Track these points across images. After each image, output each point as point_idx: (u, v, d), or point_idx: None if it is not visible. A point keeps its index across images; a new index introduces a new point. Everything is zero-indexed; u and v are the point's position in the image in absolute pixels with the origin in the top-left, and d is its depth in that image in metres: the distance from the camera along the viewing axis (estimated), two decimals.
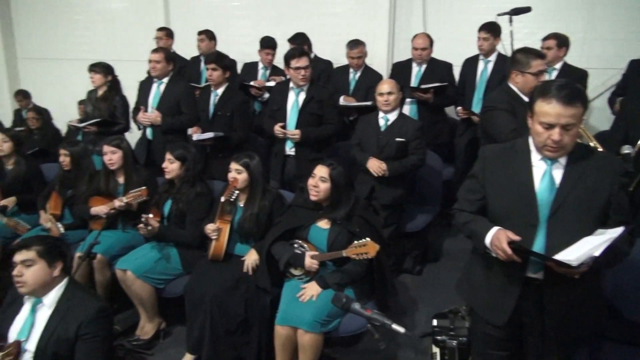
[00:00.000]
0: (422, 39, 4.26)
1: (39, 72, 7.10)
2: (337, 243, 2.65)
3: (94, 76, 4.17)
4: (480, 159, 2.01)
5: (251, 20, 5.75)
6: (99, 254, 3.09)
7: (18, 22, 7.05)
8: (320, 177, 2.69)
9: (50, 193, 3.63)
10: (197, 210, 3.13)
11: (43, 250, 2.10)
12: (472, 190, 2.01)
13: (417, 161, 3.46)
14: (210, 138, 3.74)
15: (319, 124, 3.66)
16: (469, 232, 1.95)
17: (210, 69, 3.82)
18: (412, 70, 4.39)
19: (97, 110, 4.20)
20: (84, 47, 6.66)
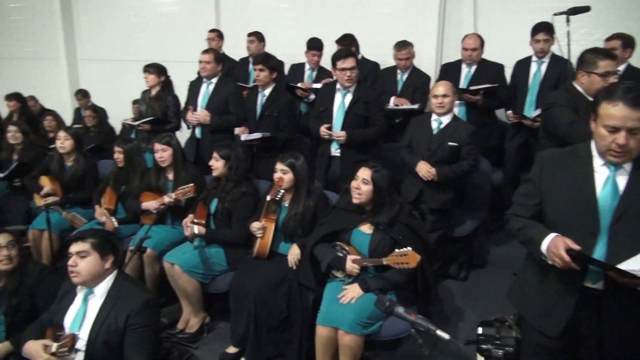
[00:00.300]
0: (472, 39, 4.17)
1: (96, 72, 7.45)
2: (379, 249, 2.62)
3: (148, 76, 4.32)
4: (538, 163, 1.95)
5: (299, 21, 5.80)
6: (149, 248, 3.21)
7: (79, 25, 7.42)
8: (362, 179, 2.67)
9: (105, 188, 3.79)
10: (243, 210, 3.19)
11: (97, 243, 2.19)
12: (528, 195, 1.94)
13: (468, 167, 3.38)
14: (258, 138, 3.80)
15: (365, 125, 3.64)
16: (524, 238, 1.89)
17: (258, 69, 3.88)
18: (462, 71, 4.30)
19: (150, 109, 4.35)
20: (139, 48, 6.92)
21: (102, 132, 5.57)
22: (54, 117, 5.35)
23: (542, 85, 4.04)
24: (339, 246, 2.73)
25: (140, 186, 3.60)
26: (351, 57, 3.55)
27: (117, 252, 2.27)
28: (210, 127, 4.07)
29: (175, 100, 4.42)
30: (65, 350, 2.08)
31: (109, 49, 7.28)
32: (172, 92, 4.44)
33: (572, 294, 1.84)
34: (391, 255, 2.47)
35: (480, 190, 3.86)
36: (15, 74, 8.10)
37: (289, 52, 5.19)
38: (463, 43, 4.22)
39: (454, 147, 3.35)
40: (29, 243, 3.72)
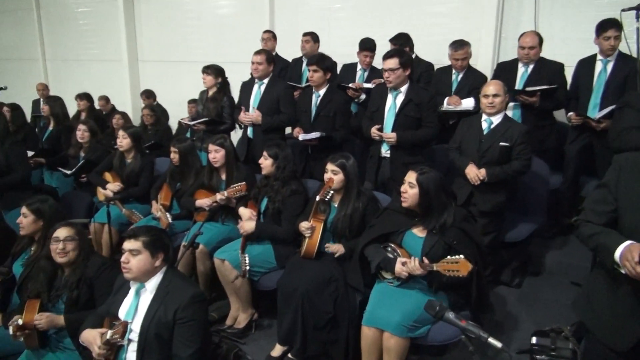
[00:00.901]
0: (530, 37, 4.01)
1: (155, 73, 7.79)
2: (432, 253, 2.56)
3: (206, 77, 4.46)
4: (615, 167, 1.83)
5: (352, 21, 5.81)
6: (202, 244, 3.32)
7: (140, 28, 7.78)
8: (408, 183, 2.64)
9: (162, 185, 3.96)
10: (292, 207, 3.24)
11: (148, 241, 2.26)
12: (602, 201, 1.84)
13: (520, 167, 3.28)
14: (316, 138, 3.84)
15: (416, 127, 3.60)
16: (595, 244, 1.79)
17: (312, 70, 3.91)
18: (518, 71, 4.14)
19: (206, 109, 4.49)
20: (195, 50, 7.18)
21: (159, 130, 5.80)
22: (122, 116, 5.64)
23: (607, 86, 3.83)
24: (390, 247, 2.71)
25: (194, 184, 3.72)
26: (393, 58, 3.50)
27: (168, 250, 2.34)
28: (262, 127, 4.15)
29: (231, 101, 4.52)
30: (118, 337, 2.19)
31: (167, 51, 7.59)
32: (228, 93, 4.56)
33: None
34: (442, 261, 2.42)
35: (536, 195, 3.73)
36: (81, 75, 8.63)
37: (342, 52, 5.21)
38: (520, 41, 4.07)
39: (505, 148, 3.27)
40: (90, 236, 3.93)
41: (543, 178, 3.72)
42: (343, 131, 3.96)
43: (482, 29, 4.99)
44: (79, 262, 2.63)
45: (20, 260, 2.94)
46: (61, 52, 8.89)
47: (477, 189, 3.33)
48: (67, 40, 8.69)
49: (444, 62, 4.58)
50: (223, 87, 4.51)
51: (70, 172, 4.40)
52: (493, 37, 4.97)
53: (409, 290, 2.64)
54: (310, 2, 6.09)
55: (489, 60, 4.97)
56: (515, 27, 4.89)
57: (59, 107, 5.11)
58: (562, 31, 4.63)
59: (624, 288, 1.77)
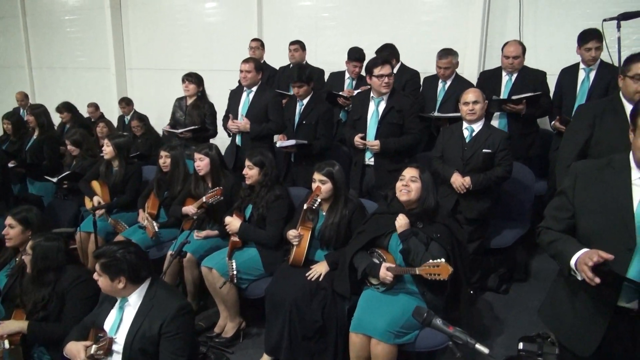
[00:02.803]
0: (514, 46, 4.07)
1: (143, 81, 7.77)
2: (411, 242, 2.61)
3: (189, 85, 4.49)
4: (572, 175, 1.89)
5: (339, 30, 5.85)
6: (189, 252, 3.31)
7: (128, 36, 7.76)
8: (410, 177, 2.69)
9: (150, 193, 3.95)
10: (276, 212, 3.25)
11: (104, 266, 2.18)
12: (561, 208, 1.89)
13: (503, 173, 3.33)
14: (293, 145, 3.87)
15: (399, 134, 3.63)
16: (554, 251, 1.84)
17: (297, 87, 3.97)
18: (502, 79, 4.20)
19: (189, 117, 4.52)
20: (184, 58, 7.16)
21: (148, 139, 5.77)
22: (106, 124, 5.61)
23: (590, 93, 3.89)
24: (376, 253, 2.74)
25: (182, 192, 3.72)
26: (388, 64, 3.56)
27: (133, 271, 2.19)
28: (250, 134, 4.16)
29: (212, 108, 4.61)
30: (102, 353, 2.16)
31: (156, 59, 7.57)
32: (208, 100, 4.63)
33: (604, 314, 1.77)
34: (424, 265, 2.46)
35: (521, 201, 3.78)
36: (67, 83, 8.58)
37: (329, 60, 5.25)
38: (504, 51, 4.13)
39: (488, 154, 3.32)
40: (75, 245, 3.89)
41: (528, 185, 3.77)
42: (323, 140, 3.99)
43: (467, 38, 5.06)
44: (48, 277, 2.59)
45: (5, 271, 2.91)
46: (48, 59, 8.84)
47: (463, 197, 3.37)
48: (54, 47, 8.64)
49: (430, 70, 4.63)
50: (204, 94, 4.59)
51: (55, 179, 4.37)
52: (479, 46, 5.03)
53: (395, 297, 2.66)
54: (298, 11, 6.13)
55: (475, 68, 5.03)
56: (501, 36, 4.95)
57: (43, 115, 5.08)
58: (546, 40, 4.71)
59: (583, 295, 1.81)
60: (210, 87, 5.31)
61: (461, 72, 4.65)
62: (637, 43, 4.01)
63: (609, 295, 1.73)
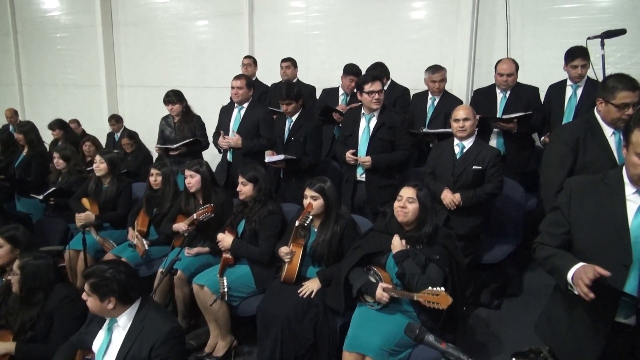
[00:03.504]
0: (507, 64, 4.10)
1: (134, 98, 7.76)
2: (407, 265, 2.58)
3: (173, 107, 4.53)
4: (566, 190, 1.90)
5: (330, 47, 5.90)
6: (180, 270, 3.27)
7: (119, 53, 7.76)
8: (407, 198, 2.67)
9: (139, 211, 3.91)
10: (269, 227, 3.24)
11: (94, 286, 2.13)
12: (556, 224, 1.90)
13: (493, 189, 3.34)
14: (281, 160, 3.86)
15: (390, 150, 3.65)
16: (550, 267, 1.84)
17: (285, 104, 3.99)
18: (497, 97, 4.22)
19: (180, 132, 4.54)
20: (175, 75, 7.17)
21: (138, 156, 5.74)
22: (92, 142, 5.55)
23: (577, 110, 3.93)
24: (372, 271, 2.72)
25: (173, 209, 3.69)
26: (378, 80, 3.59)
27: (123, 292, 2.15)
28: (241, 150, 4.16)
29: (200, 120, 4.63)
30: None
31: (147, 76, 7.57)
32: (194, 113, 4.66)
33: (602, 330, 1.77)
34: (423, 292, 2.42)
35: (512, 217, 3.78)
36: (58, 100, 8.53)
37: (321, 77, 5.29)
38: (498, 68, 4.15)
39: (478, 171, 3.33)
40: (64, 263, 3.83)
41: (519, 201, 3.78)
42: (311, 156, 3.99)
43: (456, 55, 5.12)
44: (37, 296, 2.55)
45: None
46: (38, 76, 8.80)
47: (453, 213, 3.37)
48: (45, 65, 8.62)
49: (419, 87, 4.67)
50: (188, 108, 4.61)
51: (41, 197, 4.32)
52: (467, 63, 5.09)
53: (390, 315, 2.63)
54: (290, 29, 6.18)
55: (464, 85, 5.09)
56: (489, 53, 5.03)
57: (32, 132, 5.05)
58: (533, 57, 4.77)
59: (580, 310, 1.81)
60: (201, 104, 5.32)
61: (450, 89, 4.69)
62: (621, 60, 4.09)
63: (607, 310, 1.72)
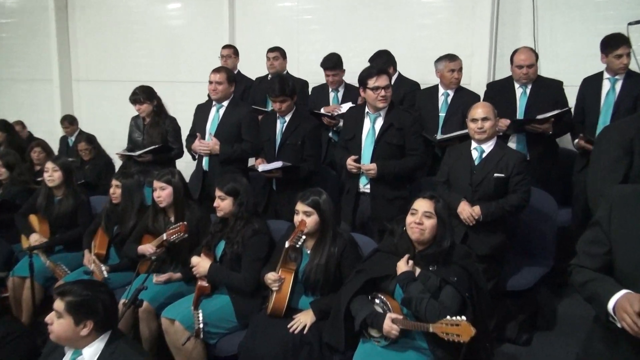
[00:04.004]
0: (526, 53, 4.13)
1: (94, 95, 7.74)
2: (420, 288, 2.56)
3: (140, 107, 4.52)
4: (607, 202, 1.89)
5: (325, 35, 5.94)
6: (145, 301, 3.21)
7: (75, 41, 7.76)
8: (424, 213, 2.63)
9: (97, 229, 3.88)
10: (254, 250, 3.21)
11: (72, 304, 2.11)
12: (595, 242, 1.89)
13: (519, 201, 3.33)
14: (279, 168, 3.84)
15: (400, 155, 3.65)
16: (588, 293, 1.82)
17: (279, 102, 3.93)
18: (515, 92, 4.25)
19: (148, 137, 4.53)
20: (142, 67, 7.19)
21: (98, 164, 5.70)
22: (43, 147, 5.50)
23: (617, 107, 3.98)
24: (379, 299, 2.69)
25: (138, 228, 3.67)
26: (385, 74, 3.60)
27: (103, 317, 2.15)
28: (220, 157, 4.14)
29: (174, 123, 4.61)
30: None
31: (108, 69, 7.57)
32: (167, 114, 4.64)
33: None
34: (441, 322, 2.38)
35: (542, 234, 3.78)
36: (2, 97, 8.47)
37: (314, 70, 5.27)
38: (515, 59, 4.19)
39: (501, 179, 3.33)
40: (7, 293, 3.79)
41: (550, 214, 3.78)
42: (311, 162, 3.99)
43: (474, 44, 5.15)
44: None
45: None
46: None
47: (472, 229, 3.37)
48: None
49: (430, 81, 4.69)
50: (160, 108, 4.58)
51: None
52: (487, 54, 5.13)
53: (400, 352, 2.60)
54: (277, 13, 6.21)
55: (484, 79, 5.11)
56: (513, 41, 5.04)
57: None
58: (563, 47, 4.81)
59: (623, 346, 1.79)
60: (173, 101, 5.31)
61: (467, 84, 4.72)
62: None
63: None
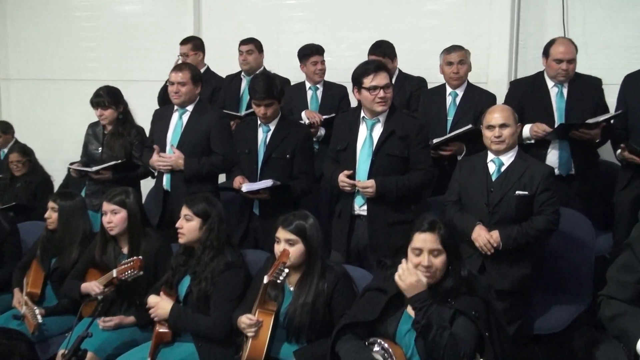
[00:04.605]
0: (566, 46, 4.14)
1: (27, 96, 7.71)
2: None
3: (103, 113, 4.50)
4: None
5: (310, 24, 5.99)
6: (90, 351, 3.18)
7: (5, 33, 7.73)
8: (430, 252, 2.60)
9: (30, 263, 3.85)
10: (226, 288, 3.19)
11: None
12: (627, 268, 1.95)
13: (546, 224, 3.34)
14: (268, 188, 3.82)
15: (403, 169, 3.65)
16: (616, 331, 1.89)
17: (264, 105, 3.90)
18: (550, 92, 4.26)
19: (108, 149, 4.52)
20: (88, 64, 7.21)
21: (32, 182, 5.67)
22: None
23: None
24: (378, 345, 2.66)
25: (81, 261, 3.65)
26: (384, 71, 3.61)
27: None
28: (184, 174, 4.14)
29: (142, 134, 4.61)
30: None
31: (46, 65, 7.54)
32: (134, 123, 4.64)
33: None
34: None
35: (577, 265, 3.79)
36: None
37: (297, 66, 5.29)
38: (552, 52, 4.17)
39: (524, 198, 3.35)
40: None
41: (586, 241, 3.80)
42: (304, 180, 3.98)
43: (492, 33, 5.22)
44: None
45: None
46: None
47: (490, 259, 3.38)
48: None
49: (437, 79, 4.73)
50: (126, 115, 4.58)
51: None
52: (508, 45, 5.18)
53: None
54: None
55: (504, 75, 5.18)
56: (538, 30, 5.12)
57: None
58: (599, 37, 4.87)
59: None
60: None
61: (484, 82, 4.76)
62: None
63: None
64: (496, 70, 5.18)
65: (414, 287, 2.52)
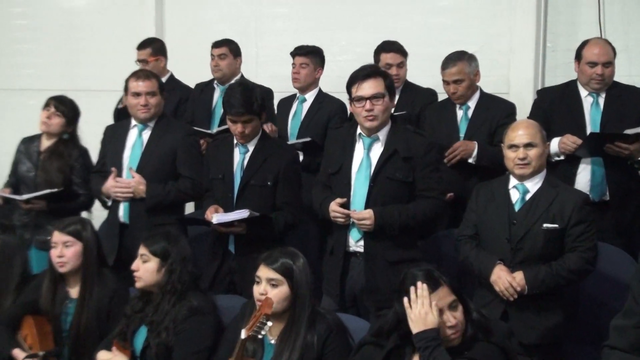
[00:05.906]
0: (602, 47, 4.20)
1: None
2: None
3: (54, 119, 4.54)
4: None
5: (295, 23, 6.03)
6: None
7: None
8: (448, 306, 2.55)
9: None
10: (192, 339, 3.18)
11: None
12: (627, 312, 2.00)
13: (581, 264, 3.34)
14: (243, 220, 3.82)
15: (407, 197, 3.65)
16: None
17: (242, 122, 3.86)
18: (583, 101, 4.29)
19: (43, 173, 4.52)
20: (27, 71, 7.23)
21: None
22: None
23: None
24: None
25: (14, 308, 3.64)
26: (372, 78, 3.59)
27: None
28: (146, 203, 4.16)
29: (85, 158, 4.63)
30: None
31: None
32: (79, 145, 4.67)
33: None
34: None
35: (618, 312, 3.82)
36: None
37: (280, 73, 5.35)
38: (585, 54, 4.22)
39: (553, 232, 3.35)
40: None
41: (626, 281, 3.83)
42: (289, 212, 3.95)
43: (514, 35, 5.28)
44: None
45: None
46: None
47: (513, 306, 3.37)
48: None
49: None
50: (74, 135, 4.63)
51: None
52: (533, 48, 5.24)
53: None
54: None
55: (529, 82, 5.24)
56: (569, 31, 5.18)
57: None
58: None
59: None
60: None
61: (505, 92, 4.81)
62: None
63: None
64: (519, 77, 5.23)
65: (422, 321, 2.47)
